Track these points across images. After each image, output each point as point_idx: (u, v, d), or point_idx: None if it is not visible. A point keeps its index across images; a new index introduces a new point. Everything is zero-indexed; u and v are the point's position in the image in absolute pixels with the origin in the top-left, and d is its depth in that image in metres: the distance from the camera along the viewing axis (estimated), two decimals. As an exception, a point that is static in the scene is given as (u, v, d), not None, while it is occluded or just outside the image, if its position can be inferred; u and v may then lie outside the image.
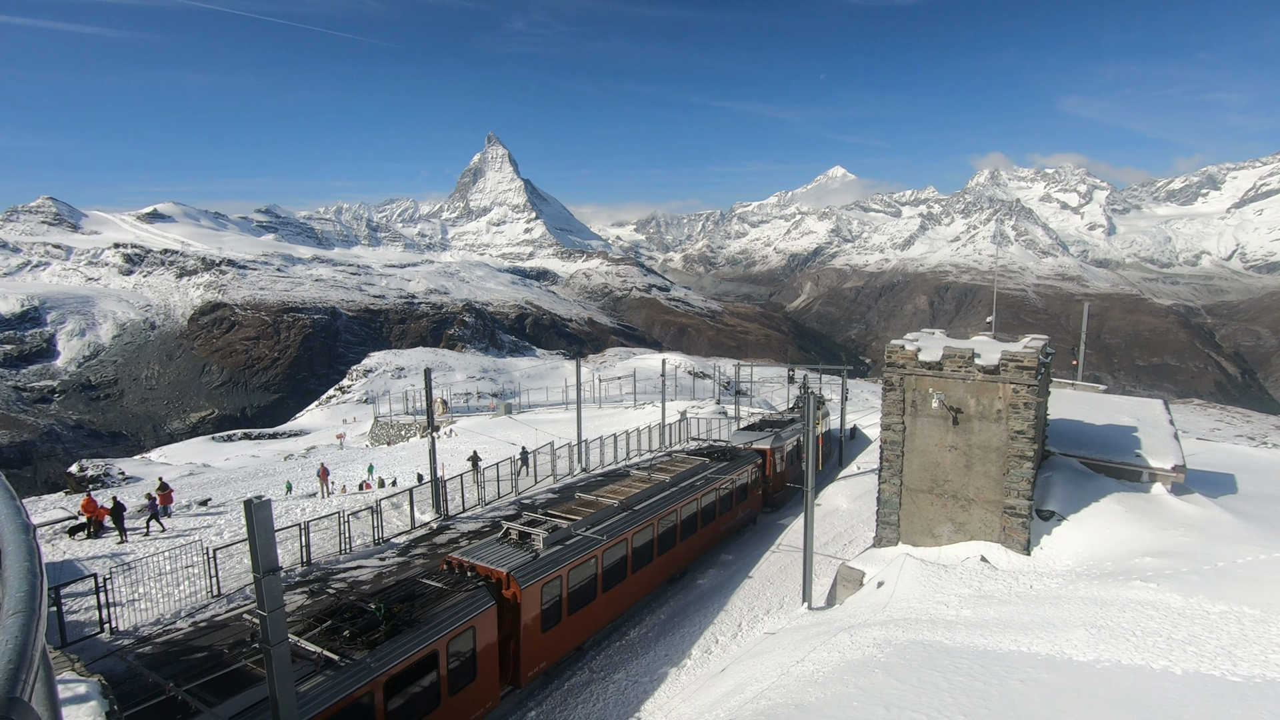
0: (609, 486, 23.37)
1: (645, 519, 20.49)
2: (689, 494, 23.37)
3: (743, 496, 27.91)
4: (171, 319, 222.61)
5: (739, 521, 27.86)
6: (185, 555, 19.73)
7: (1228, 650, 10.57)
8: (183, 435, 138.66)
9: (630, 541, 19.65)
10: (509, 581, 15.44)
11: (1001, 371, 16.88)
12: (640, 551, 20.30)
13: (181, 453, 65.42)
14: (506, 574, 15.45)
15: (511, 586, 15.45)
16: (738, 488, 27.20)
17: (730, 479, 26.49)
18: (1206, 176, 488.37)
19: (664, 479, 23.75)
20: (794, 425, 37.16)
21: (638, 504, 21.02)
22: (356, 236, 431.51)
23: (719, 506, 25.55)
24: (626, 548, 19.51)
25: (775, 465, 32.12)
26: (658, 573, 21.50)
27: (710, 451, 29.47)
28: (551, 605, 16.54)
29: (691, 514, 23.45)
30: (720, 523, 25.80)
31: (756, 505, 29.94)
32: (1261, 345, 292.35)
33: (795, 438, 35.80)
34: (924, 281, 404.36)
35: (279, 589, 9.36)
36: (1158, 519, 16.82)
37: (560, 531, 17.56)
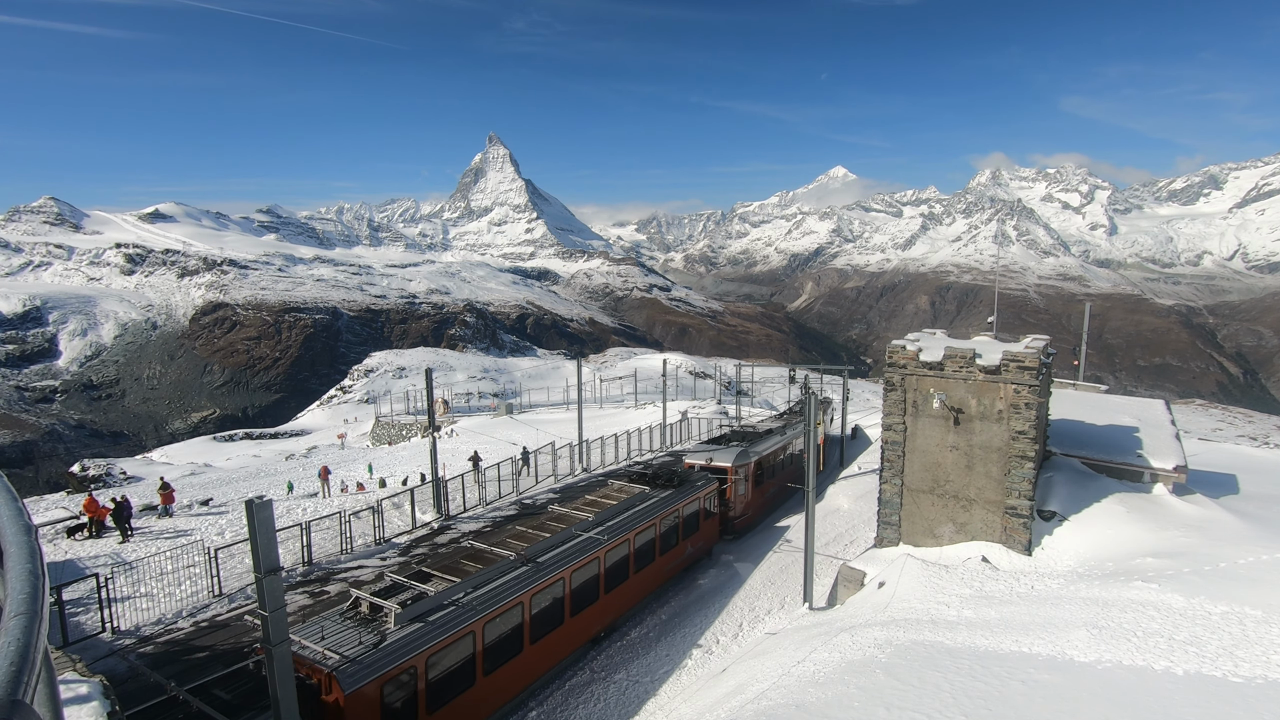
0: (513, 528, 19.69)
1: (553, 573, 16.43)
2: (617, 535, 19.17)
3: (693, 528, 23.62)
4: (173, 319, 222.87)
5: (687, 559, 23.63)
6: (187, 555, 19.75)
7: (1229, 651, 10.55)
8: (184, 435, 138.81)
9: (528, 606, 15.50)
10: (330, 684, 11.28)
11: (1003, 372, 16.87)
12: (543, 616, 16.22)
13: (183, 452, 65.49)
14: (328, 674, 11.28)
15: (334, 690, 11.24)
16: (686, 519, 23.02)
17: (675, 510, 22.31)
18: (1208, 176, 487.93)
19: (586, 517, 19.64)
20: (774, 435, 32.66)
21: (545, 553, 16.88)
22: (358, 236, 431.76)
23: (659, 545, 21.33)
24: (522, 613, 15.37)
25: (738, 487, 27.53)
26: (568, 639, 17.34)
27: (655, 476, 24.84)
28: (401, 706, 12.38)
29: (620, 559, 19.30)
30: (660, 565, 21.56)
31: (711, 537, 25.44)
32: (1263, 345, 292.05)
33: (774, 449, 31.33)
34: (925, 281, 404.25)
35: (280, 589, 9.38)
36: (1159, 519, 16.80)
37: (424, 603, 13.45)
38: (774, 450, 31.26)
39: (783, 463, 32.70)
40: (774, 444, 31.52)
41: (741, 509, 27.71)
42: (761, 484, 29.60)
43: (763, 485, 29.77)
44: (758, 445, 29.95)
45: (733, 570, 24.38)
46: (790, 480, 33.23)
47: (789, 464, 33.47)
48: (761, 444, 30.37)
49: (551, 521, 19.78)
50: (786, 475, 33.01)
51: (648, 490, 22.87)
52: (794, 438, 34.19)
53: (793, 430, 34.80)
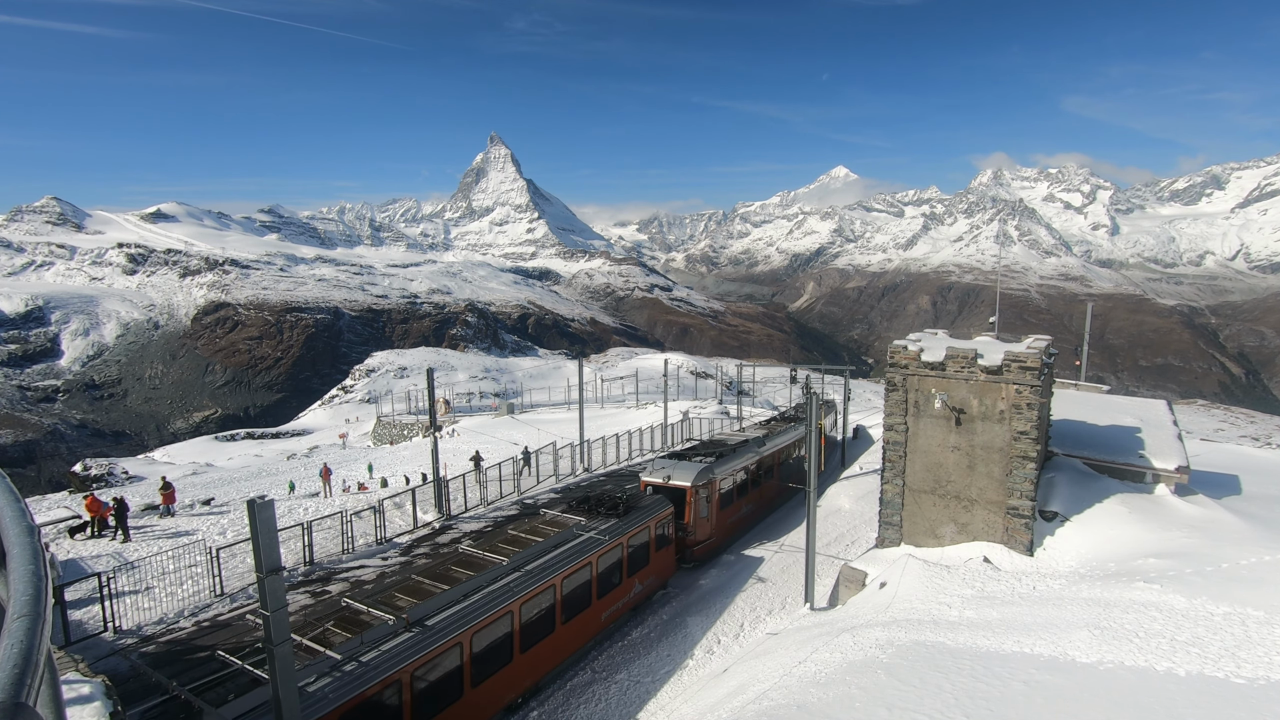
0: (406, 578, 16.11)
1: (446, 637, 13.38)
2: (539, 581, 16.12)
3: (640, 562, 20.55)
4: (175, 319, 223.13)
5: (634, 598, 20.51)
6: (188, 554, 19.77)
7: (1231, 652, 10.54)
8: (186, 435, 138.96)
9: (408, 684, 12.51)
10: None
11: (1004, 372, 16.85)
12: (432, 692, 13.26)
13: (185, 452, 65.57)
14: None
15: None
16: (633, 552, 19.99)
17: (618, 543, 19.18)
18: (1210, 176, 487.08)
19: (500, 561, 16.49)
20: (749, 447, 29.20)
21: (437, 613, 13.73)
22: (359, 236, 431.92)
23: (595, 587, 18.19)
24: (401, 693, 12.42)
25: (700, 509, 24.25)
26: (467, 716, 14.33)
27: (596, 502, 21.23)
28: None
29: (542, 610, 16.30)
30: (598, 611, 18.53)
31: (665, 569, 22.21)
32: (1266, 345, 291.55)
33: (748, 462, 28.09)
34: (927, 281, 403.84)
35: (282, 588, 9.39)
36: (1161, 520, 16.79)
37: (256, 693, 10.71)
38: (748, 464, 28.05)
39: (760, 476, 29.57)
40: (748, 458, 28.22)
41: (704, 534, 24.60)
42: (731, 504, 26.46)
43: (732, 505, 26.61)
44: (727, 460, 26.62)
45: (734, 570, 24.25)
46: (770, 498, 31.16)
47: (768, 478, 30.64)
48: (732, 458, 27.06)
49: (457, 568, 16.32)
50: (766, 493, 30.51)
51: (583, 522, 19.49)
52: (776, 448, 31.48)
53: (776, 439, 32.32)
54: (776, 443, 31.95)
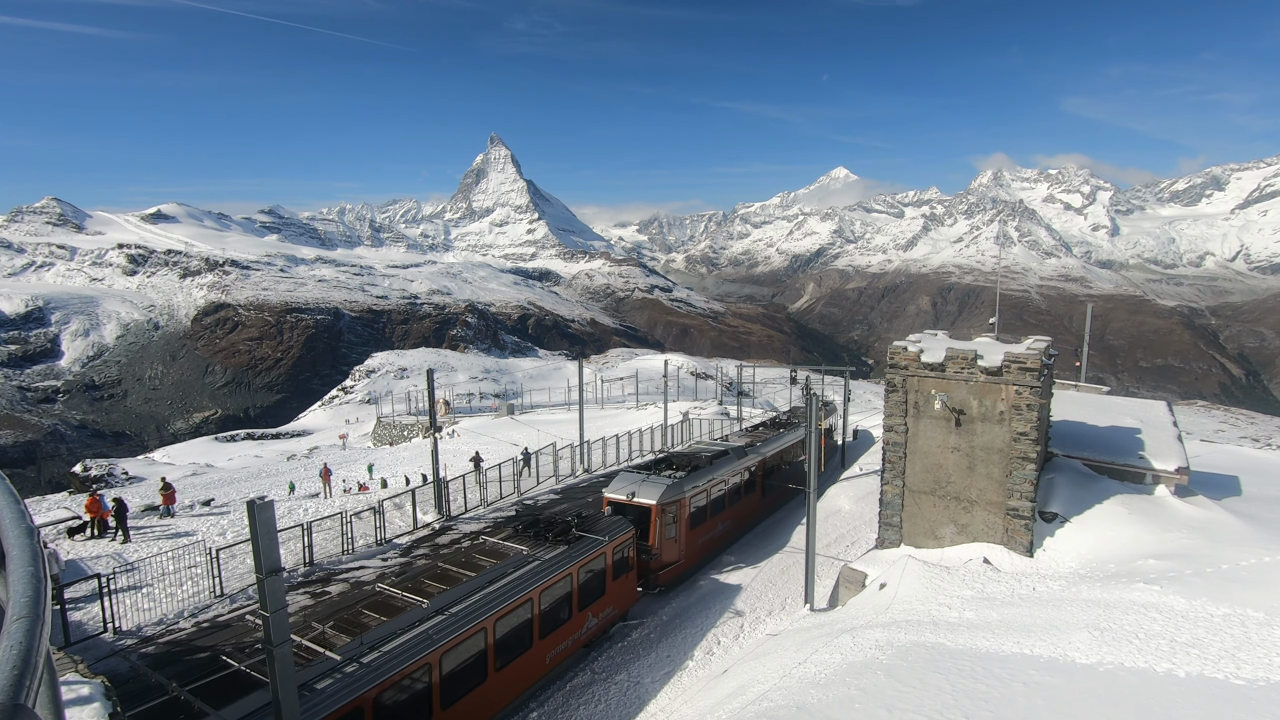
0: (312, 624, 13.38)
1: (346, 698, 11.35)
2: (468, 624, 14.01)
3: (595, 593, 18.34)
4: (175, 319, 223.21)
5: (587, 634, 18.22)
6: (188, 555, 19.77)
7: (1231, 653, 10.54)
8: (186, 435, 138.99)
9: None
10: None
11: (1004, 373, 16.85)
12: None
13: (185, 453, 65.56)
14: None
15: None
16: (585, 582, 17.82)
17: (567, 573, 17.00)
18: (1210, 177, 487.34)
19: (420, 603, 14.09)
20: (727, 459, 26.70)
21: (329, 676, 11.56)
22: (359, 237, 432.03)
23: (538, 626, 16.18)
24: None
25: (667, 530, 22.12)
26: None
27: (546, 527, 18.65)
28: None
29: (471, 657, 14.26)
30: (541, 652, 16.55)
31: (625, 598, 19.98)
32: (1266, 347, 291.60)
33: (726, 475, 25.96)
34: (927, 282, 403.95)
35: (281, 589, 9.39)
36: (1161, 521, 16.78)
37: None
38: (726, 477, 25.99)
39: (742, 489, 27.73)
40: (726, 470, 26.09)
41: (671, 557, 22.52)
42: (704, 522, 24.36)
43: (705, 524, 24.50)
44: (701, 473, 24.49)
45: (734, 572, 24.21)
46: (752, 512, 29.05)
47: (749, 491, 28.58)
48: (707, 471, 24.87)
49: (369, 612, 13.94)
50: (747, 507, 28.44)
51: (525, 552, 17.14)
52: (761, 456, 29.69)
53: (764, 447, 30.41)
54: (763, 451, 30.11)
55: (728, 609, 20.62)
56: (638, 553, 20.81)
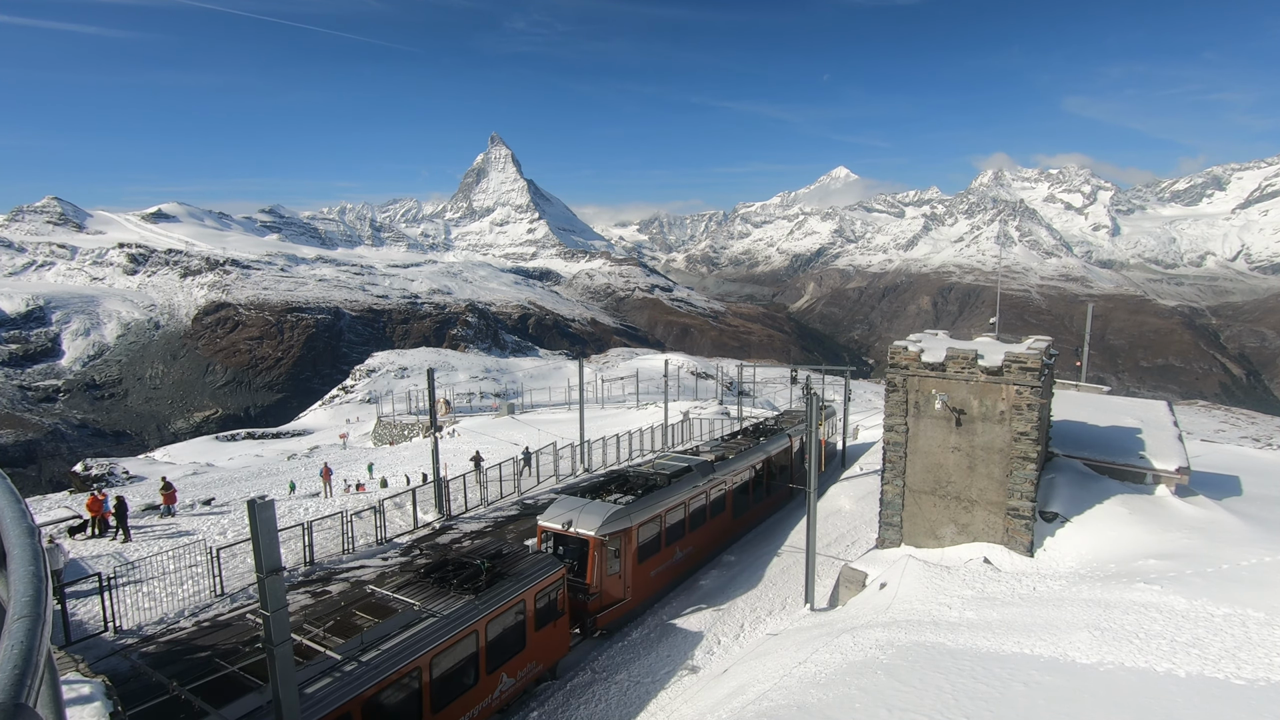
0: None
1: None
2: (323, 708, 10.93)
3: (511, 648, 15.50)
4: (175, 319, 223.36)
5: (497, 701, 15.35)
6: (189, 554, 19.80)
7: (1232, 653, 10.53)
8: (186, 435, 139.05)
9: None
10: None
11: (1005, 373, 16.84)
12: None
13: (185, 452, 65.62)
14: None
15: None
16: (497, 639, 14.96)
17: (469, 633, 14.13)
18: (1211, 177, 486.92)
19: (257, 684, 11.08)
20: (694, 477, 23.41)
21: None
22: (360, 237, 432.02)
23: (428, 700, 13.19)
24: None
25: (608, 565, 19.10)
26: None
27: (453, 571, 15.60)
28: None
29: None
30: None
31: (552, 650, 16.99)
32: (1267, 346, 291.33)
33: (687, 497, 22.71)
34: (927, 282, 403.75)
35: (282, 589, 9.40)
36: (1161, 521, 16.77)
37: None
38: (687, 499, 22.82)
39: (707, 511, 24.43)
40: (686, 492, 22.80)
41: (614, 596, 19.40)
42: (656, 554, 21.15)
43: (658, 555, 21.32)
44: (657, 496, 21.25)
45: (734, 571, 24.12)
46: (717, 539, 25.40)
47: (717, 511, 25.24)
48: (664, 495, 21.58)
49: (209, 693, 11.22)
50: (713, 531, 24.93)
51: (416, 608, 13.90)
52: (733, 471, 26.23)
53: (737, 461, 26.79)
54: (736, 466, 26.48)
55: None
56: (574, 591, 18.17)
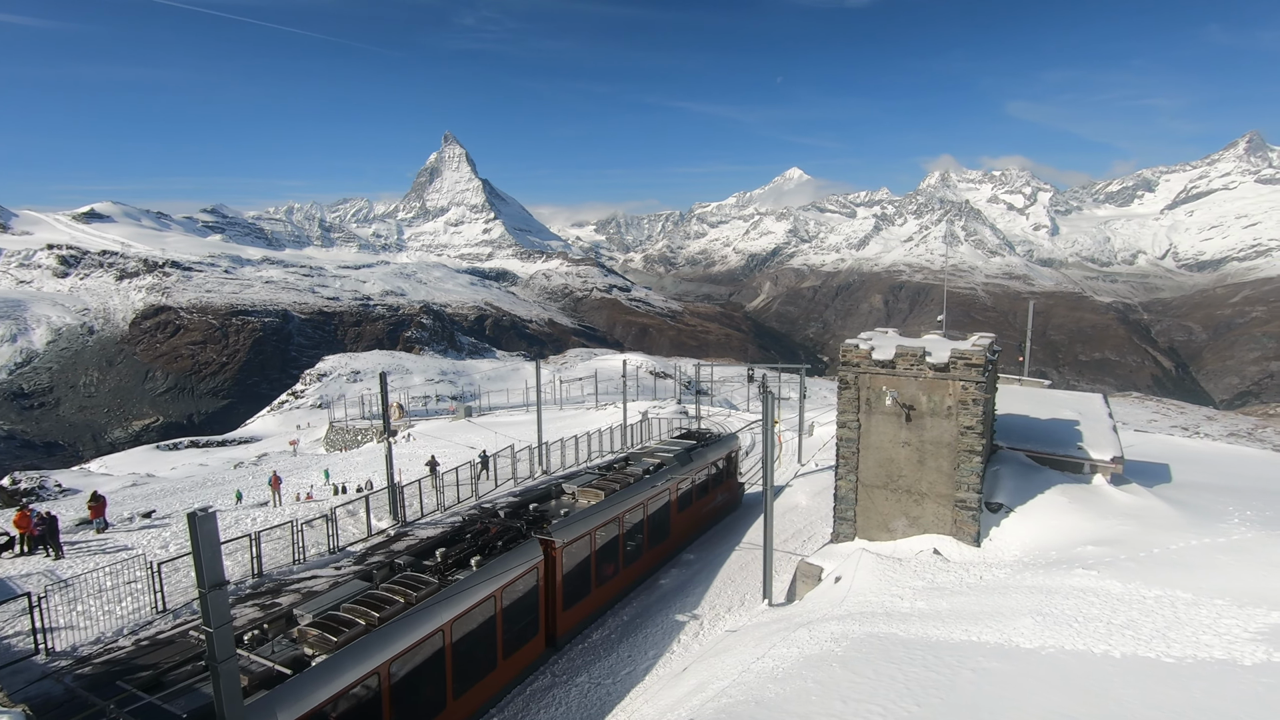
0: None
1: None
2: None
3: None
4: (111, 323, 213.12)
5: None
6: (127, 570, 18.93)
7: (1162, 633, 11.07)
8: (124, 444, 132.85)
9: None
10: None
11: (951, 369, 17.36)
12: None
13: (123, 462, 62.74)
14: None
15: None
16: None
17: None
18: (1142, 179, 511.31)
19: None
20: (438, 604, 14.37)
21: None
22: (308, 237, 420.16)
23: None
24: None
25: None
26: None
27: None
28: None
29: None
30: None
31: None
32: (1193, 340, 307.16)
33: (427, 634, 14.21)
34: (879, 281, 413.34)
35: (226, 603, 9.06)
36: (1098, 509, 17.52)
37: None
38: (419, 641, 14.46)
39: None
40: (418, 630, 14.48)
41: None
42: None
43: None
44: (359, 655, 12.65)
45: (694, 569, 24.26)
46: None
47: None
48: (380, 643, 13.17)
49: None
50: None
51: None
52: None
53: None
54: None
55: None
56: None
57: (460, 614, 14.85)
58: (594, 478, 23.32)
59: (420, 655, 13.98)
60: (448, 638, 14.51)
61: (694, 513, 26.62)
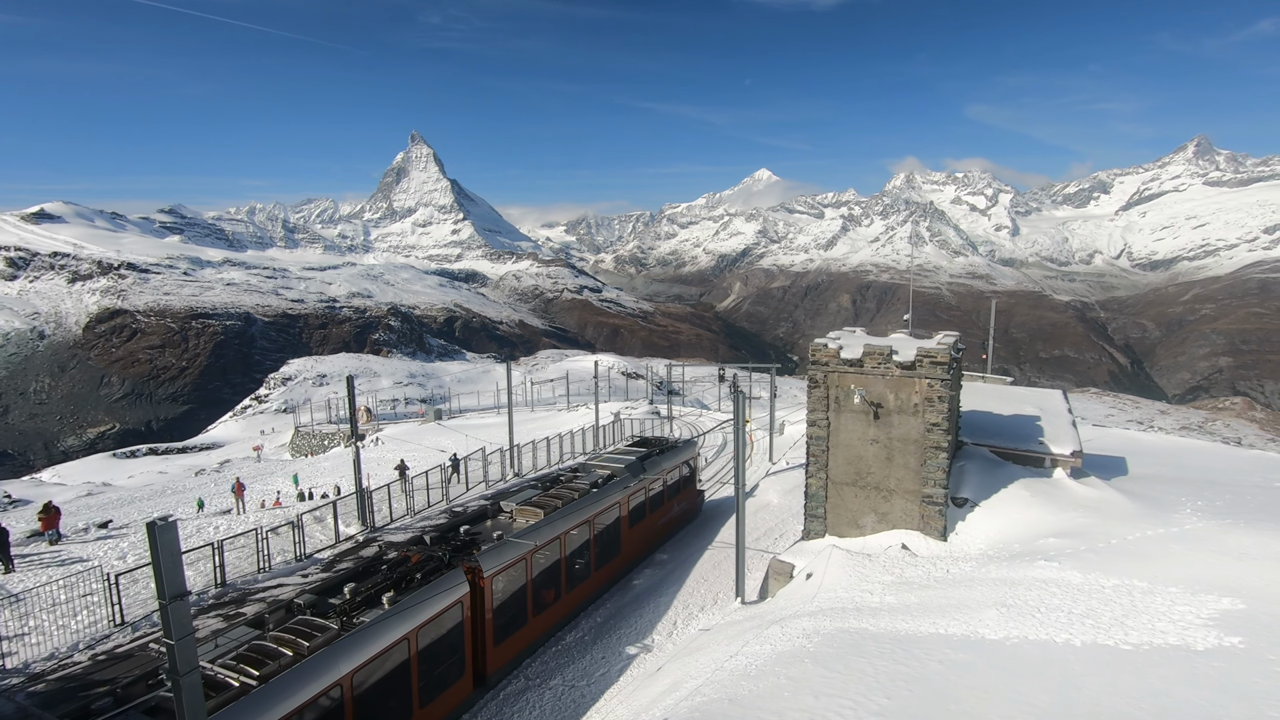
0: None
1: None
2: None
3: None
4: (64, 327, 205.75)
5: None
6: (83, 583, 18.31)
7: (1120, 621, 11.43)
8: (79, 453, 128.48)
9: None
10: None
11: (917, 367, 17.69)
12: None
13: (78, 471, 60.66)
14: None
15: None
16: None
17: None
18: (1097, 181, 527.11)
19: None
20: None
21: None
22: (271, 238, 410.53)
23: None
24: None
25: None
26: None
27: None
28: None
29: None
30: None
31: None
32: (1147, 337, 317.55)
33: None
34: (847, 280, 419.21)
35: (187, 614, 8.81)
36: (1059, 502, 18.02)
37: None
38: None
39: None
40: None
41: None
42: None
43: None
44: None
45: (667, 569, 24.29)
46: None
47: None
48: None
49: None
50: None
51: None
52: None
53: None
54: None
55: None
56: None
57: (365, 662, 12.98)
58: (535, 494, 21.42)
59: (312, 716, 12.01)
60: (348, 691, 12.70)
61: (648, 526, 25.22)
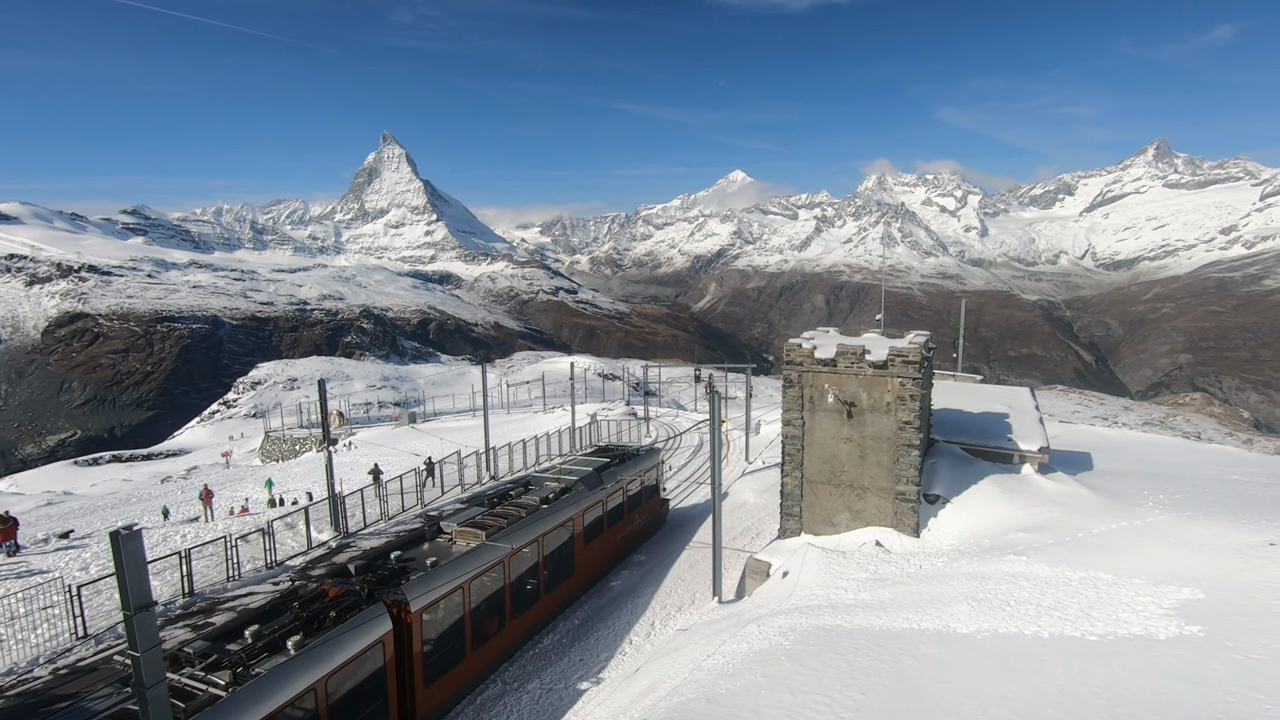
0: None
1: None
2: None
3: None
4: (21, 331, 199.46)
5: None
6: (43, 595, 17.77)
7: (1086, 613, 11.71)
8: (38, 460, 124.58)
9: None
10: None
11: (890, 366, 17.95)
12: None
13: (37, 480, 58.78)
14: None
15: None
16: None
17: None
18: (1062, 183, 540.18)
19: None
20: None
21: None
22: (239, 240, 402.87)
23: None
24: None
25: None
26: None
27: None
28: None
29: None
30: None
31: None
32: (1111, 335, 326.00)
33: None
34: (820, 281, 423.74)
35: (154, 626, 8.61)
36: (1028, 497, 18.41)
37: None
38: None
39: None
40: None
41: None
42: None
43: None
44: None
45: (645, 570, 24.33)
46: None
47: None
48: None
49: None
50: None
51: None
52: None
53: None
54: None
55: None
56: None
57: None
58: (479, 513, 19.69)
59: None
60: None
61: (606, 542, 23.64)
